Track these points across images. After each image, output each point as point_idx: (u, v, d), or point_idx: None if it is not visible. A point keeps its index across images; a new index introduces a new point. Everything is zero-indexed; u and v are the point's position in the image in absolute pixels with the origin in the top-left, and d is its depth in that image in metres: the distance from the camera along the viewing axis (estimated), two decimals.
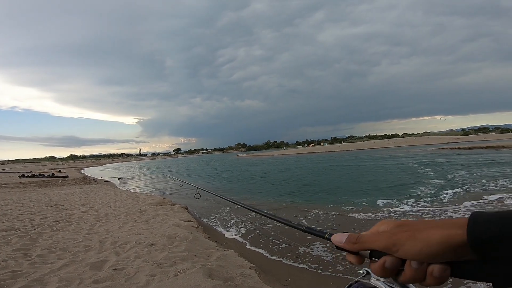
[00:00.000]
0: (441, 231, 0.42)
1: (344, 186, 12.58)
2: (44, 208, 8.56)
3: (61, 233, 5.60)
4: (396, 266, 0.47)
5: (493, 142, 47.77)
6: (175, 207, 8.24)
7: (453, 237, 0.41)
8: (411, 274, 0.46)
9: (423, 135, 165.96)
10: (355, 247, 0.52)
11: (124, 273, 3.50)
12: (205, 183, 17.61)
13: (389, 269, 0.48)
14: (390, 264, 0.47)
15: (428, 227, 0.44)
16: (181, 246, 4.51)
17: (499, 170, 14.04)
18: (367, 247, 0.50)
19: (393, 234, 0.47)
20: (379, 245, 0.48)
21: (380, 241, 0.48)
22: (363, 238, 0.51)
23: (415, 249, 0.44)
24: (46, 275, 3.46)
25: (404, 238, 0.45)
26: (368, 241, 0.50)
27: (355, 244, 0.52)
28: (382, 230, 0.50)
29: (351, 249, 0.52)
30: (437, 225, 0.44)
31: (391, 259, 0.47)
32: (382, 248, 0.48)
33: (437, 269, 0.43)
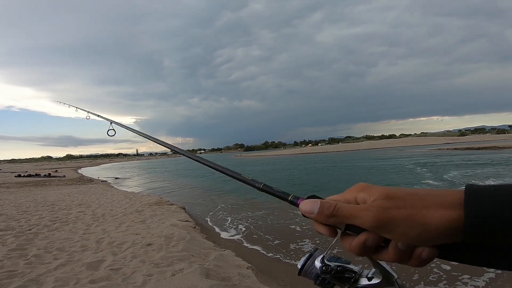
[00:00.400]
0: (440, 213, 0.36)
1: (340, 185, 12.63)
2: (40, 208, 8.51)
3: (58, 233, 5.57)
4: (378, 244, 0.40)
5: (489, 143, 48.10)
6: (172, 207, 8.23)
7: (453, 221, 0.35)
8: (395, 255, 0.39)
9: (420, 135, 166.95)
10: (330, 221, 0.42)
11: (121, 273, 3.49)
12: (205, 183, 17.58)
13: (370, 248, 0.40)
14: (372, 242, 0.40)
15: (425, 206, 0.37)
16: (178, 246, 4.50)
17: (491, 170, 14.15)
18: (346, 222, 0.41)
19: (384, 210, 0.38)
20: (365, 222, 0.39)
21: (366, 218, 0.39)
22: (342, 211, 0.41)
23: (411, 233, 0.37)
24: (42, 275, 3.44)
25: (400, 219, 0.37)
26: (350, 216, 0.40)
27: (330, 217, 0.41)
28: (362, 199, 0.41)
29: (324, 222, 0.43)
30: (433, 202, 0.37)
31: (374, 236, 0.39)
32: (369, 227, 0.39)
33: (426, 251, 0.38)
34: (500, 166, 15.72)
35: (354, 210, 0.40)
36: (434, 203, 0.37)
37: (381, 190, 0.40)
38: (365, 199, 0.41)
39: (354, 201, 0.42)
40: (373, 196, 0.40)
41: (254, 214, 8.06)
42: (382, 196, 0.39)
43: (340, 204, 0.41)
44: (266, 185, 0.55)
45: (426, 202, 0.37)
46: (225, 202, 10.26)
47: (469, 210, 0.34)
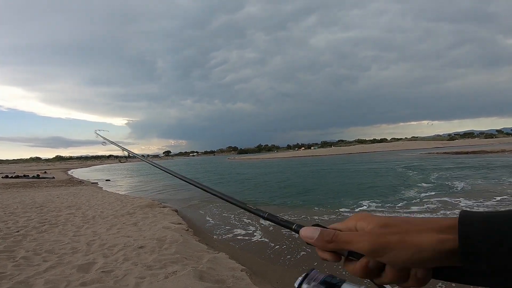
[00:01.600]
0: (432, 236, 0.38)
1: (332, 188, 12.71)
2: (29, 209, 8.33)
3: (47, 235, 5.45)
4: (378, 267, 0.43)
5: (478, 147, 49.08)
6: (164, 210, 8.15)
7: (445, 244, 0.37)
8: (392, 277, 0.42)
9: (410, 139, 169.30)
10: (329, 247, 0.45)
11: (112, 275, 3.43)
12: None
13: (371, 271, 0.43)
14: (373, 266, 0.42)
15: (418, 230, 0.39)
16: (171, 249, 4.46)
17: (481, 174, 14.42)
18: (345, 248, 0.44)
19: (379, 236, 0.41)
20: (361, 247, 0.41)
21: (362, 243, 0.41)
22: (340, 237, 0.44)
23: (405, 256, 0.39)
24: (31, 277, 3.37)
25: (393, 243, 0.39)
26: (347, 242, 0.43)
27: (329, 243, 0.44)
28: (361, 227, 0.44)
29: (324, 248, 0.45)
30: (427, 227, 0.39)
31: (373, 261, 0.42)
32: (365, 251, 0.41)
33: (421, 272, 0.41)
34: (488, 170, 16.04)
35: (351, 236, 0.43)
36: (427, 228, 0.39)
37: (378, 219, 0.43)
38: (363, 227, 0.44)
39: (354, 229, 0.45)
40: (371, 225, 0.43)
41: (248, 217, 8.03)
42: (379, 224, 0.42)
43: (339, 232, 0.45)
44: (270, 214, 0.59)
45: (419, 227, 0.40)
46: (218, 205, 10.20)
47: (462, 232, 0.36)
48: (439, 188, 11.16)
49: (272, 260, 4.82)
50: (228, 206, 9.64)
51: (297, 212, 8.32)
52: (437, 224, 0.39)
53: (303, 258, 4.79)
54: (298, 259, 4.76)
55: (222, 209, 9.28)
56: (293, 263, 4.63)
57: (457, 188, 10.82)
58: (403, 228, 0.40)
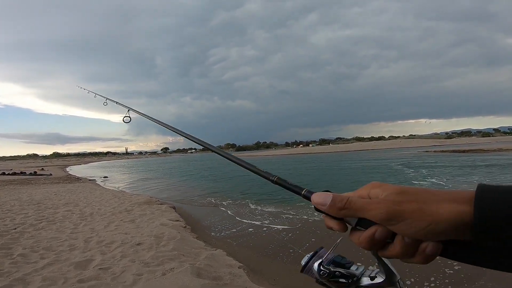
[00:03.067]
0: (452, 207, 0.36)
1: (327, 185, 12.71)
2: (26, 206, 8.31)
3: (44, 232, 5.45)
4: (386, 238, 0.40)
5: (475, 145, 49.34)
6: (162, 207, 8.15)
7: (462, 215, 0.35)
8: (401, 249, 0.40)
9: (408, 138, 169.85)
10: (341, 213, 0.42)
11: (110, 272, 3.44)
12: (195, 183, 17.50)
13: (378, 241, 0.41)
14: (381, 235, 0.40)
15: (436, 200, 0.38)
16: (168, 246, 4.47)
17: (479, 172, 14.52)
18: (357, 215, 0.42)
19: (395, 203, 0.39)
20: (375, 214, 0.40)
21: (377, 210, 0.39)
22: (354, 204, 0.41)
23: (421, 225, 0.37)
24: (28, 274, 3.37)
25: (410, 211, 0.38)
26: (361, 209, 0.41)
27: (342, 209, 0.42)
28: (375, 195, 0.42)
29: (336, 215, 0.43)
30: (446, 198, 0.38)
31: (382, 230, 0.40)
32: (380, 219, 0.39)
33: (431, 246, 0.38)
34: (487, 168, 16.14)
35: (366, 203, 0.41)
36: (445, 198, 0.38)
37: (393, 187, 0.41)
38: (377, 195, 0.42)
39: (367, 196, 0.43)
40: (386, 192, 0.41)
41: (246, 213, 8.06)
42: (395, 192, 0.40)
43: (352, 197, 0.43)
44: (280, 178, 0.56)
45: (437, 197, 0.38)
46: (216, 201, 10.23)
47: (479, 204, 0.35)
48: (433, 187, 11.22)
49: (269, 257, 4.84)
50: (226, 203, 9.66)
51: (290, 207, 8.35)
52: (456, 195, 0.38)
53: (301, 256, 4.81)
54: (295, 256, 4.79)
55: (219, 206, 9.31)
56: (290, 260, 4.65)
57: (449, 187, 10.89)
58: (420, 196, 0.39)
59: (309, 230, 6.08)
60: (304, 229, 6.21)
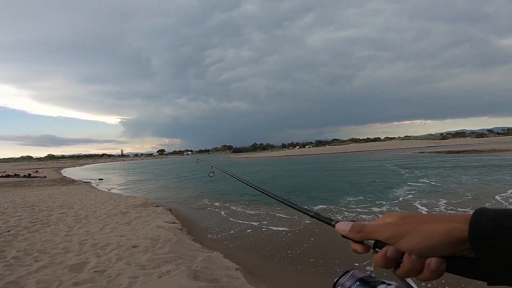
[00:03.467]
0: (444, 224, 0.43)
1: (328, 186, 12.77)
2: (20, 209, 8.21)
3: (38, 235, 5.38)
4: (397, 257, 0.48)
5: (469, 146, 49.79)
6: (158, 209, 8.09)
7: (455, 231, 0.42)
8: (409, 265, 0.46)
9: (403, 139, 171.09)
10: (358, 236, 0.53)
11: (105, 275, 3.40)
12: (191, 185, 17.43)
13: (390, 259, 0.48)
14: (391, 254, 0.48)
15: (431, 221, 0.45)
16: (164, 248, 4.43)
17: (473, 173, 14.63)
18: (371, 237, 0.51)
19: (397, 225, 0.48)
20: (382, 235, 0.49)
21: (383, 232, 0.49)
22: (367, 228, 0.52)
23: (416, 240, 0.45)
24: (22, 277, 3.32)
25: (406, 229, 0.46)
26: (372, 231, 0.51)
27: (358, 233, 0.53)
28: (387, 222, 0.51)
29: (354, 238, 0.53)
30: (441, 218, 0.45)
31: (392, 248, 0.48)
32: (385, 239, 0.49)
33: (434, 262, 0.44)
34: (482, 169, 16.27)
35: (376, 227, 0.51)
36: (442, 219, 0.45)
37: (400, 214, 0.51)
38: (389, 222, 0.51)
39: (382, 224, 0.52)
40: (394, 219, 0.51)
41: (243, 215, 8.04)
42: (400, 217, 0.50)
43: (368, 223, 0.53)
44: (316, 213, 0.69)
45: (434, 218, 0.46)
46: (212, 203, 10.19)
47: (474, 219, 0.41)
48: (426, 188, 11.29)
49: (267, 259, 4.82)
50: (222, 205, 9.63)
51: (286, 209, 8.35)
52: (452, 217, 0.44)
53: (297, 257, 4.80)
54: (293, 258, 4.78)
55: (216, 208, 9.27)
56: (288, 262, 4.64)
57: (442, 187, 10.96)
58: (420, 219, 0.47)
59: (307, 232, 6.07)
60: (302, 230, 6.21)
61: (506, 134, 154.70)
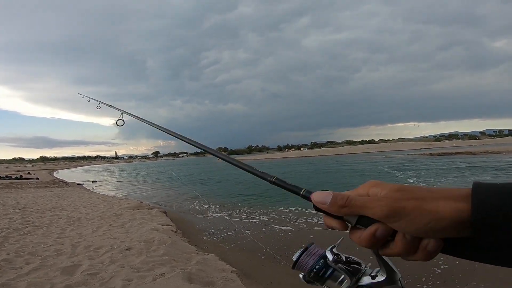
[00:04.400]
0: (450, 204, 0.36)
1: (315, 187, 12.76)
2: (11, 211, 8.07)
3: (30, 237, 5.29)
4: (387, 236, 0.40)
5: (462, 148, 50.41)
6: (152, 211, 8.01)
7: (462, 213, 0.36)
8: (402, 246, 0.40)
9: (398, 141, 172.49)
10: (342, 211, 0.42)
11: (98, 277, 3.34)
12: (186, 187, 17.34)
13: (379, 239, 0.40)
14: (382, 233, 0.40)
15: (435, 197, 0.38)
16: (159, 251, 4.38)
17: (467, 174, 14.79)
18: (358, 213, 0.41)
19: (395, 201, 0.39)
20: (376, 212, 0.39)
21: (377, 208, 0.39)
22: (355, 202, 0.41)
23: (420, 222, 0.37)
24: (13, 279, 3.25)
25: (410, 208, 0.38)
26: (362, 206, 0.41)
27: (343, 207, 0.42)
28: (374, 193, 0.42)
29: (336, 213, 0.43)
30: (444, 195, 0.38)
31: (384, 227, 0.40)
32: (379, 216, 0.39)
33: (433, 243, 0.39)
34: (476, 171, 16.47)
35: (366, 200, 0.41)
36: (443, 195, 0.38)
37: (392, 185, 0.42)
38: (376, 193, 0.42)
39: (366, 195, 0.43)
40: (385, 190, 0.41)
41: (238, 217, 8.00)
42: (394, 189, 0.41)
43: (353, 195, 0.43)
44: (278, 179, 0.55)
45: (435, 194, 0.38)
46: (207, 205, 10.13)
47: (476, 201, 0.35)
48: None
49: (263, 261, 4.79)
50: (217, 207, 9.58)
51: (283, 210, 8.34)
52: (454, 193, 0.38)
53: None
54: (289, 260, 4.75)
55: (211, 210, 9.23)
56: (284, 264, 4.61)
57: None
58: (418, 194, 0.39)
59: (305, 232, 6.07)
60: (301, 231, 6.20)
61: (497, 136, 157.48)
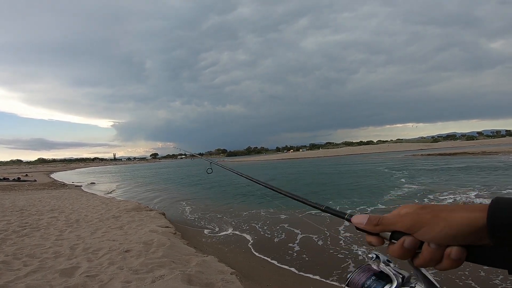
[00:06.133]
0: (463, 213, 0.43)
1: (312, 189, 12.81)
2: (9, 213, 8.03)
3: (28, 239, 5.26)
4: (415, 247, 0.48)
5: (460, 149, 50.53)
6: (151, 213, 8.00)
7: (475, 220, 0.42)
8: (428, 255, 0.46)
9: (396, 142, 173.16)
10: (376, 229, 0.52)
11: (97, 280, 3.33)
12: (185, 189, 17.29)
13: (408, 249, 0.48)
14: (409, 243, 0.48)
15: (450, 209, 0.45)
16: (158, 253, 4.37)
17: (465, 175, 14.83)
18: (389, 229, 0.51)
19: (416, 214, 0.48)
20: (401, 225, 0.49)
21: (402, 222, 0.49)
22: (385, 220, 0.51)
23: (436, 229, 0.45)
24: (11, 282, 3.23)
25: (427, 218, 0.46)
26: (391, 223, 0.50)
27: (376, 226, 0.52)
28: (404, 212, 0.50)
29: (372, 231, 0.52)
30: (460, 208, 0.45)
31: (410, 238, 0.48)
32: (404, 229, 0.48)
33: (455, 250, 0.44)
34: (472, 171, 16.51)
35: (394, 217, 0.51)
36: (460, 208, 0.45)
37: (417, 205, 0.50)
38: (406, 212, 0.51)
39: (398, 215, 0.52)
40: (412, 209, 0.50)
41: (237, 219, 7.99)
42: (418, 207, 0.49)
43: (384, 215, 0.52)
44: (328, 207, 0.68)
45: (452, 208, 0.46)
46: (206, 207, 10.12)
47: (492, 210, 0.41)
48: (419, 189, 11.40)
49: (262, 262, 4.79)
50: (216, 209, 9.57)
51: (281, 210, 8.34)
52: (470, 206, 0.44)
53: (293, 260, 4.78)
54: (288, 261, 4.75)
55: (211, 212, 9.21)
56: (283, 265, 4.61)
57: (434, 188, 11.08)
58: (437, 208, 0.47)
59: (304, 232, 6.05)
60: (300, 231, 6.19)
61: (495, 137, 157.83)
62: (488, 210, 0.41)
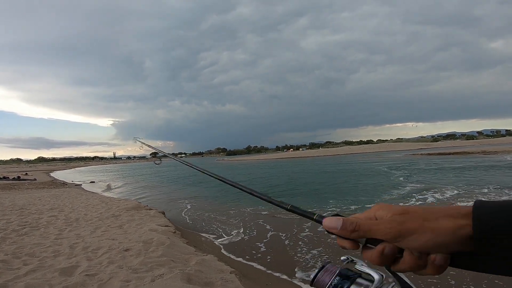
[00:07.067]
0: (450, 222, 0.41)
1: (312, 187, 12.81)
2: (8, 212, 8.02)
3: (27, 238, 5.26)
4: (395, 254, 0.45)
5: (460, 148, 50.58)
6: (151, 212, 7.99)
7: (461, 228, 0.40)
8: (411, 262, 0.43)
9: (396, 141, 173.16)
10: (352, 236, 0.47)
11: (97, 278, 3.33)
12: (185, 188, 17.29)
13: (388, 257, 0.45)
14: (389, 251, 0.44)
15: (436, 217, 0.42)
16: (157, 251, 4.36)
17: (465, 174, 14.84)
18: (366, 236, 0.46)
19: (399, 223, 0.43)
20: (382, 234, 0.44)
21: (383, 230, 0.44)
22: (363, 226, 0.46)
23: (422, 239, 0.42)
24: (10, 280, 3.23)
25: (413, 228, 0.42)
26: (369, 230, 0.46)
27: (353, 232, 0.46)
28: (380, 216, 0.47)
29: (347, 237, 0.48)
30: (444, 214, 0.42)
31: (390, 246, 0.44)
32: (387, 238, 0.44)
33: (439, 257, 0.42)
34: (473, 171, 16.51)
35: (373, 224, 0.46)
36: (444, 214, 0.42)
37: (396, 207, 0.46)
38: (382, 216, 0.47)
39: (374, 218, 0.48)
40: (390, 213, 0.46)
41: (236, 219, 8.00)
42: (398, 212, 0.45)
43: (361, 220, 0.47)
44: (293, 206, 0.61)
45: (436, 214, 0.43)
46: (206, 207, 10.13)
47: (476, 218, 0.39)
48: (419, 188, 11.41)
49: (261, 261, 4.79)
50: (216, 208, 9.57)
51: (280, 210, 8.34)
52: (454, 211, 0.42)
53: (292, 260, 4.78)
54: (287, 261, 4.75)
55: (210, 211, 9.21)
56: (282, 265, 4.62)
57: (434, 187, 11.09)
58: (421, 214, 0.43)
59: (304, 233, 6.06)
60: (299, 231, 6.20)
61: (494, 136, 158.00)
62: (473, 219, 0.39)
